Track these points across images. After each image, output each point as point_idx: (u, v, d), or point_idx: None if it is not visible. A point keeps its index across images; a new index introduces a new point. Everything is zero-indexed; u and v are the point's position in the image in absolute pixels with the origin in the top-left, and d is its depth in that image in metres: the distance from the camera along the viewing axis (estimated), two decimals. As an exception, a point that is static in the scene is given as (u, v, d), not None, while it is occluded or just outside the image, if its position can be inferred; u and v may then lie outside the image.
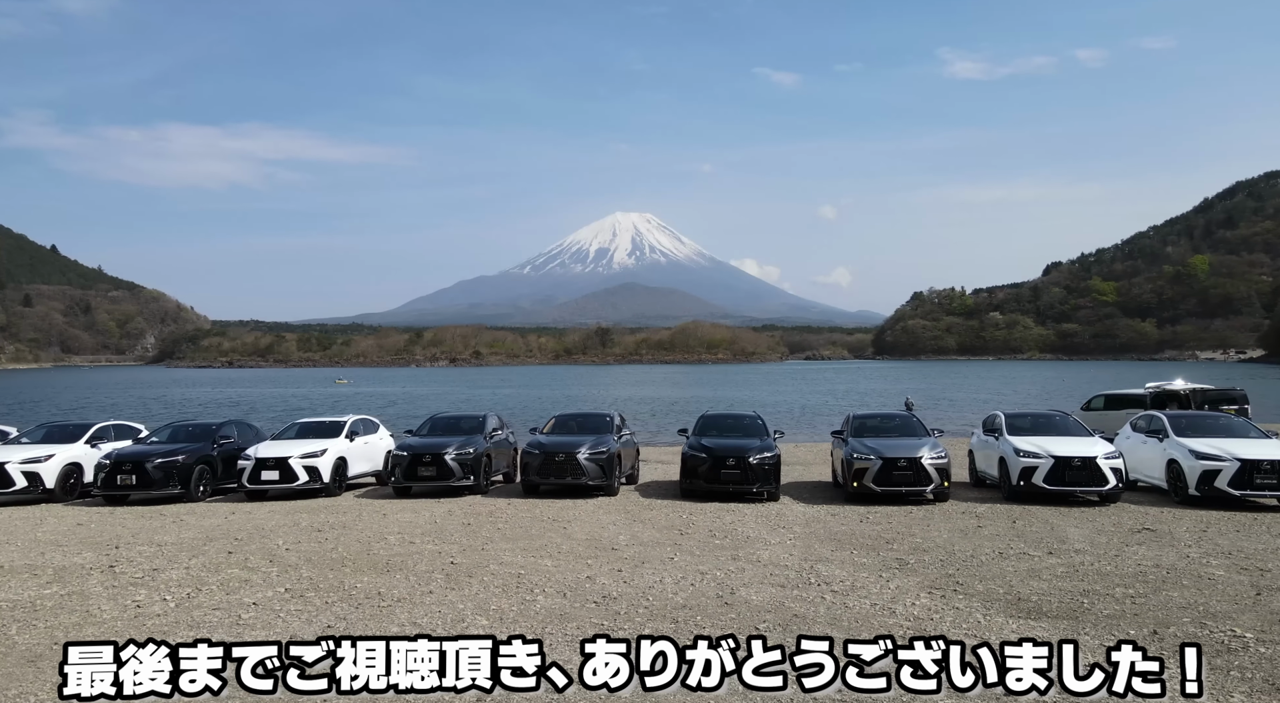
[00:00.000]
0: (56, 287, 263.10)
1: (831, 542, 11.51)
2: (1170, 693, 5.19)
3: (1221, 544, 11.05)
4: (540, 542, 11.31)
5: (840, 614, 7.68)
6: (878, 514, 13.89)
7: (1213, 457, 14.61)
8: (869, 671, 5.24)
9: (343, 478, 17.17)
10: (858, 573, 9.52)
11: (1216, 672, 6.16)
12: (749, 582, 9.00)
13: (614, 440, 17.13)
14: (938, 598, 8.33)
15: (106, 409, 58.55)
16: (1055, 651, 5.22)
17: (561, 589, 8.58)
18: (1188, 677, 5.22)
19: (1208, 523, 12.81)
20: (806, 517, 13.71)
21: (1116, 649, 5.28)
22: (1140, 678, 5.17)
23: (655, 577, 9.20)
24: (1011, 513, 13.88)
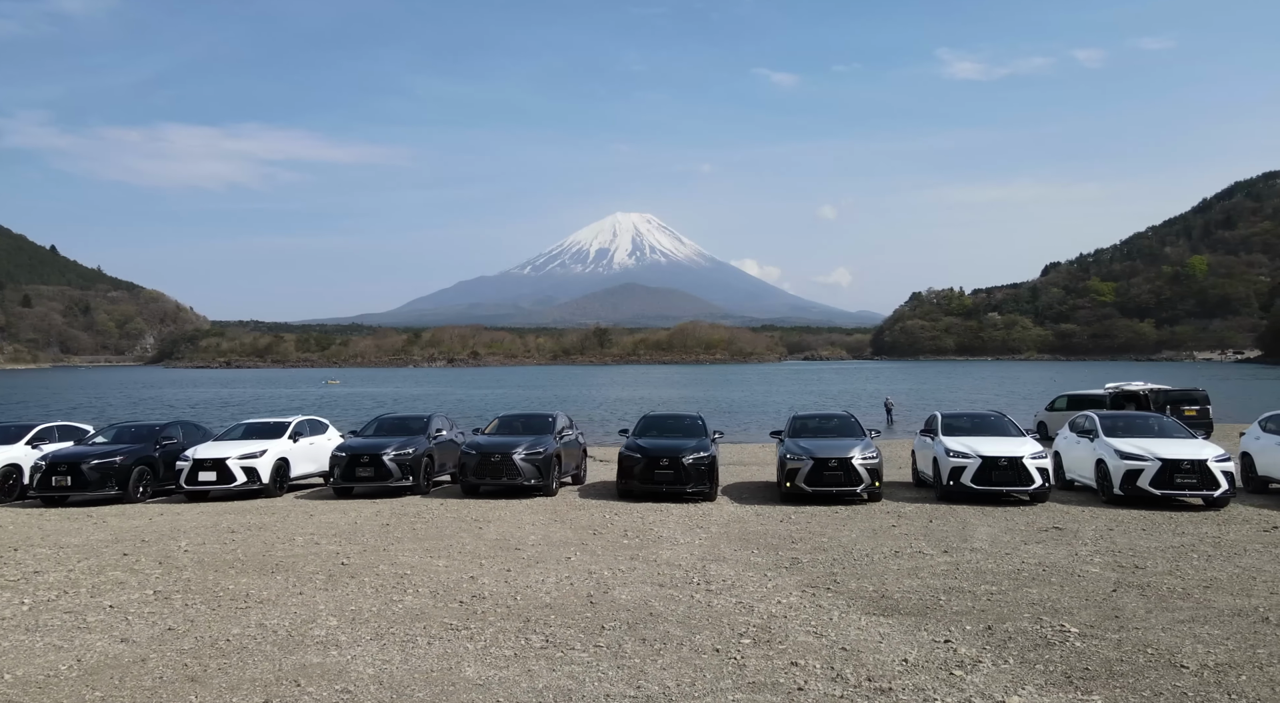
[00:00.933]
0: (56, 287, 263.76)
1: (739, 542, 11.63)
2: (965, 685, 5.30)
3: (1118, 543, 11.17)
4: (447, 543, 11.44)
5: (695, 613, 7.81)
6: (803, 514, 14.00)
7: (1136, 456, 14.74)
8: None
9: (284, 479, 17.29)
10: (745, 572, 9.64)
11: (1024, 664, 6.29)
12: (630, 581, 9.13)
13: (553, 441, 17.25)
14: (806, 596, 8.45)
15: (97, 410, 58.78)
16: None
17: (435, 590, 8.72)
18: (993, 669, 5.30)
19: (1119, 522, 12.93)
20: (731, 517, 13.83)
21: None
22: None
23: (540, 577, 9.33)
24: (934, 513, 14.00)
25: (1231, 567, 9.62)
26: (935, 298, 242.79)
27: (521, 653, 6.61)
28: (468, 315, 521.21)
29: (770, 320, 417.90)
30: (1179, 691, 5.75)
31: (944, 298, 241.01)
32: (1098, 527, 12.50)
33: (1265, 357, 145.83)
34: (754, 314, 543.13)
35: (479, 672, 6.16)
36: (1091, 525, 12.63)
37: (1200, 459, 14.39)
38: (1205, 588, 8.57)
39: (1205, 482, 14.29)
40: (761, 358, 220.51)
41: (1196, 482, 14.32)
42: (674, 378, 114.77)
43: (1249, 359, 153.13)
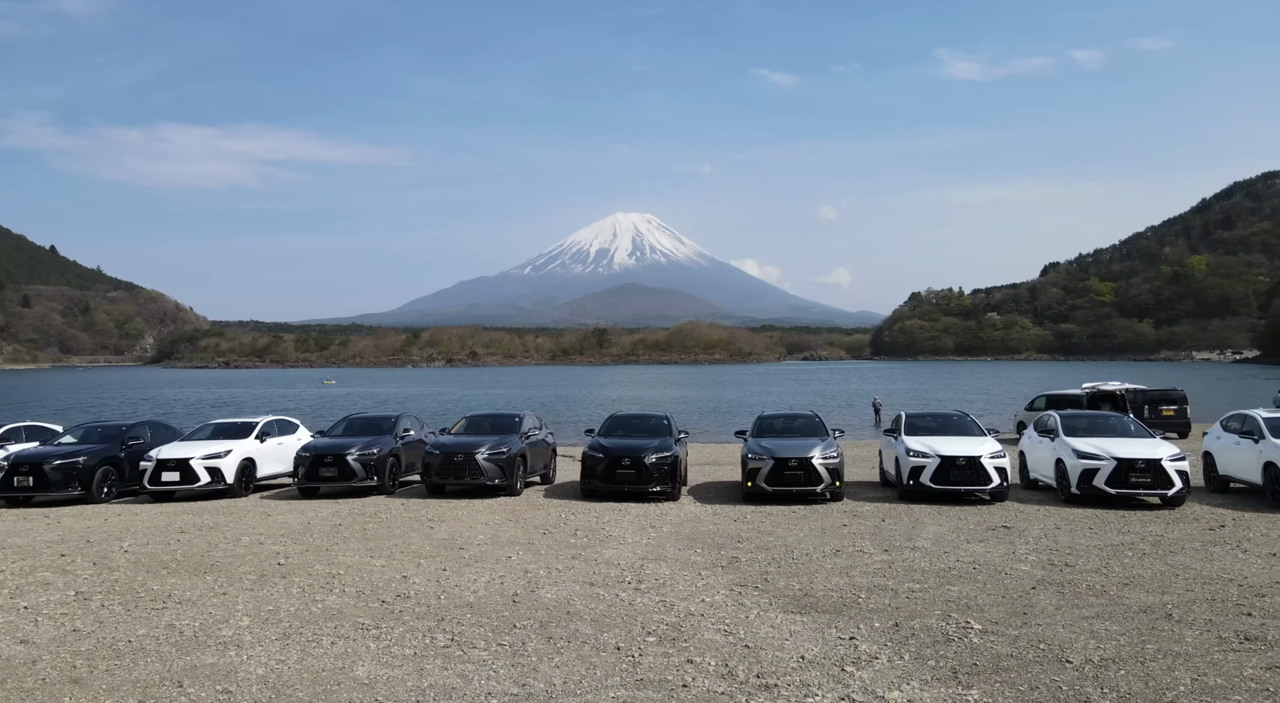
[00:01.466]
0: (55, 287, 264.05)
1: (686, 541, 11.69)
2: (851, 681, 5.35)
3: (1060, 541, 11.24)
4: (393, 542, 11.51)
5: (614, 612, 7.88)
6: (759, 514, 14.06)
7: (1092, 456, 14.80)
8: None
9: (251, 479, 17.35)
10: (680, 572, 9.70)
11: (917, 660, 6.36)
12: (561, 581, 9.20)
13: (518, 441, 17.30)
14: (731, 595, 8.52)
15: (93, 410, 58.88)
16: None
17: (362, 589, 8.79)
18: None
19: (1069, 521, 13.00)
20: (687, 517, 13.89)
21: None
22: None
23: (473, 576, 9.40)
24: (890, 512, 14.06)
25: (1160, 565, 9.68)
26: (934, 298, 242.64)
27: (422, 652, 6.68)
28: (468, 316, 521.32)
29: (770, 320, 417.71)
30: (1055, 685, 5.82)
31: (943, 298, 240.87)
32: (1046, 526, 12.56)
33: (1263, 357, 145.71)
34: (754, 314, 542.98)
35: (371, 671, 6.23)
36: (1040, 524, 12.68)
37: (1155, 459, 14.45)
38: (1124, 585, 8.64)
39: (1159, 481, 14.35)
40: (760, 358, 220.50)
41: (1151, 481, 14.38)
42: (672, 378, 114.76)
43: (1247, 359, 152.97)
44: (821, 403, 59.78)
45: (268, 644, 6.94)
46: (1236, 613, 7.60)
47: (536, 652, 6.65)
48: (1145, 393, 28.65)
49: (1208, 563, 9.80)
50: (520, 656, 6.56)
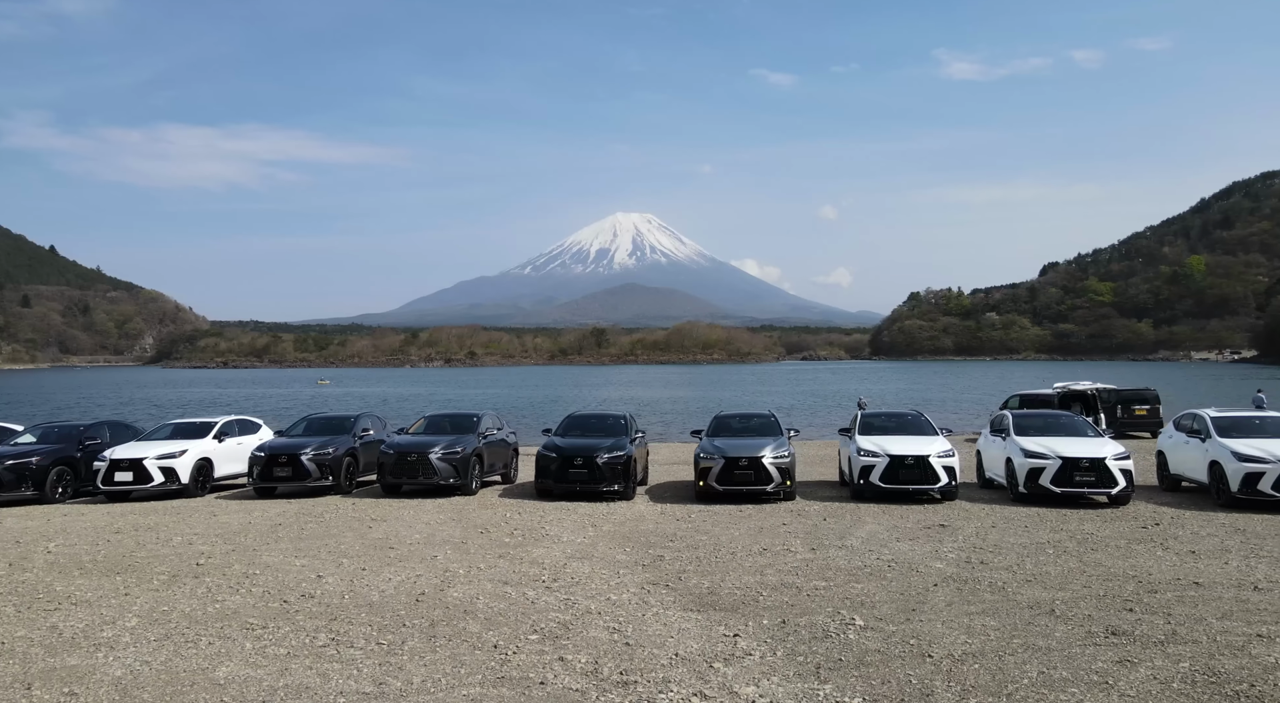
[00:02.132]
0: (55, 287, 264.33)
1: (620, 540, 11.74)
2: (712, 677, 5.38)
3: (988, 540, 11.30)
4: (325, 542, 11.55)
5: (511, 610, 7.94)
6: (706, 513, 14.11)
7: (1039, 455, 14.84)
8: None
9: (208, 479, 17.39)
10: (600, 570, 9.76)
11: (788, 656, 6.43)
12: (475, 580, 9.25)
13: (475, 440, 17.35)
14: (639, 593, 8.57)
15: (82, 410, 58.96)
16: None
17: (269, 589, 8.84)
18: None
19: (1008, 519, 13.05)
20: (633, 516, 13.93)
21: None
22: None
23: (389, 576, 9.45)
24: (835, 511, 14.10)
25: (1074, 562, 9.75)
26: (933, 298, 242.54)
27: (296, 652, 6.73)
28: (468, 315, 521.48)
29: (770, 320, 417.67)
30: (907, 678, 5.90)
31: (942, 298, 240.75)
32: (982, 524, 12.60)
33: (1261, 357, 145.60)
34: (754, 314, 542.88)
35: (233, 671, 6.27)
36: (978, 523, 12.72)
37: (1099, 458, 14.50)
38: (1026, 582, 8.70)
39: (1103, 480, 14.39)
40: (759, 358, 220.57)
41: (1095, 480, 14.43)
42: (669, 378, 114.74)
43: (1245, 359, 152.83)
44: (815, 403, 59.85)
45: (142, 646, 6.97)
46: (1119, 608, 7.68)
47: (412, 650, 6.70)
48: (1119, 392, 28.70)
49: (1121, 560, 9.86)
50: (393, 654, 6.61)
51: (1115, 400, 28.21)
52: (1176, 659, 6.28)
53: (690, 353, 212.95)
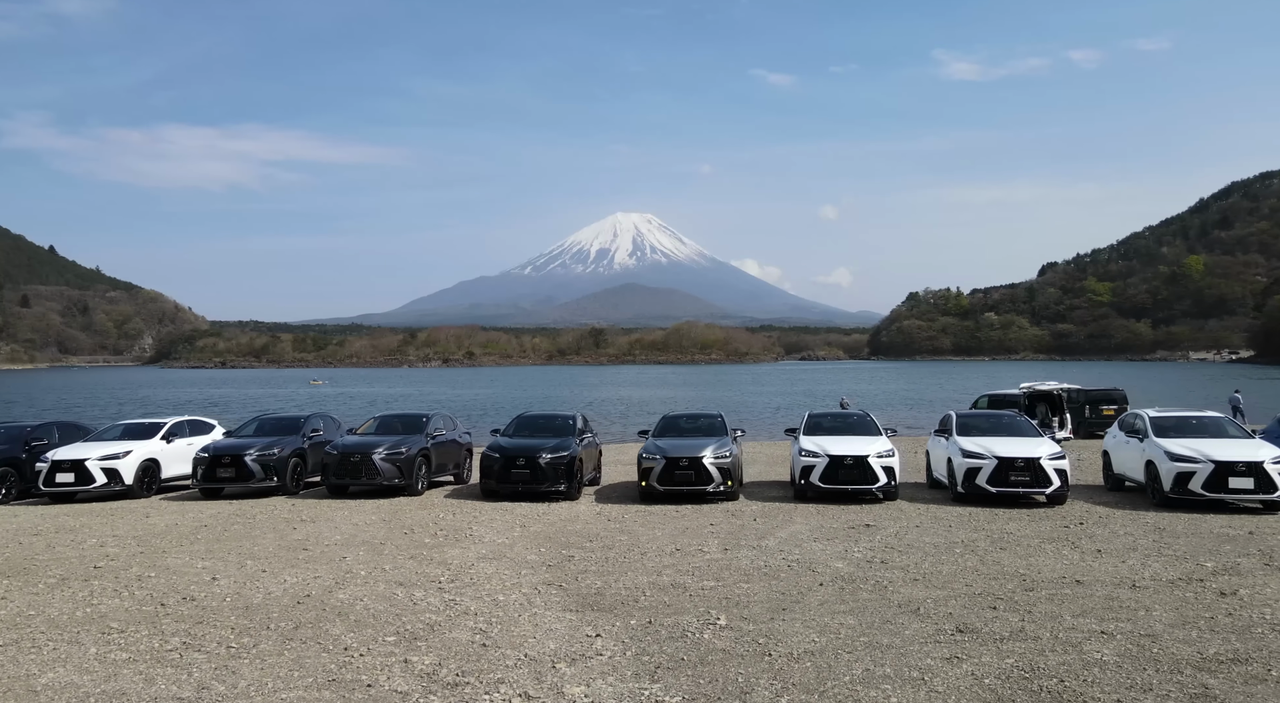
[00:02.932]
0: (54, 287, 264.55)
1: (540, 540, 11.73)
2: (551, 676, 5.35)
3: (904, 539, 11.31)
4: (240, 544, 11.51)
5: (387, 611, 7.94)
6: (641, 513, 14.11)
7: (977, 455, 14.83)
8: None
9: (153, 480, 17.37)
10: (502, 571, 9.76)
11: (637, 656, 6.46)
12: (369, 581, 9.26)
13: (422, 440, 17.34)
14: (527, 594, 8.58)
15: (75, 410, 59.04)
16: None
17: (155, 592, 8.81)
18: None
19: (936, 519, 13.07)
20: (567, 516, 13.92)
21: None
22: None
23: (285, 578, 9.44)
24: (769, 511, 14.10)
25: (973, 561, 9.77)
26: (932, 298, 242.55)
27: (137, 657, 6.69)
28: (468, 315, 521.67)
29: (770, 320, 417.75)
30: (735, 677, 5.95)
31: (941, 298, 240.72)
32: (906, 524, 12.59)
33: (1258, 356, 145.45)
34: (754, 314, 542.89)
35: (57, 678, 6.21)
36: (903, 523, 12.71)
37: (1034, 458, 14.49)
38: (911, 581, 8.71)
39: (1038, 479, 14.39)
40: (757, 358, 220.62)
41: (1030, 479, 14.43)
42: (665, 378, 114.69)
43: (1242, 359, 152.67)
44: (808, 403, 59.76)
45: (-11, 650, 6.92)
46: (984, 606, 7.72)
47: (259, 653, 6.69)
48: (1087, 392, 28.71)
49: (1021, 559, 9.86)
50: (236, 658, 6.60)
51: (1084, 400, 28.20)
52: (1005, 656, 6.31)
53: (688, 353, 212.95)
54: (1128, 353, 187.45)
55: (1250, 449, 13.83)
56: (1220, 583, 8.55)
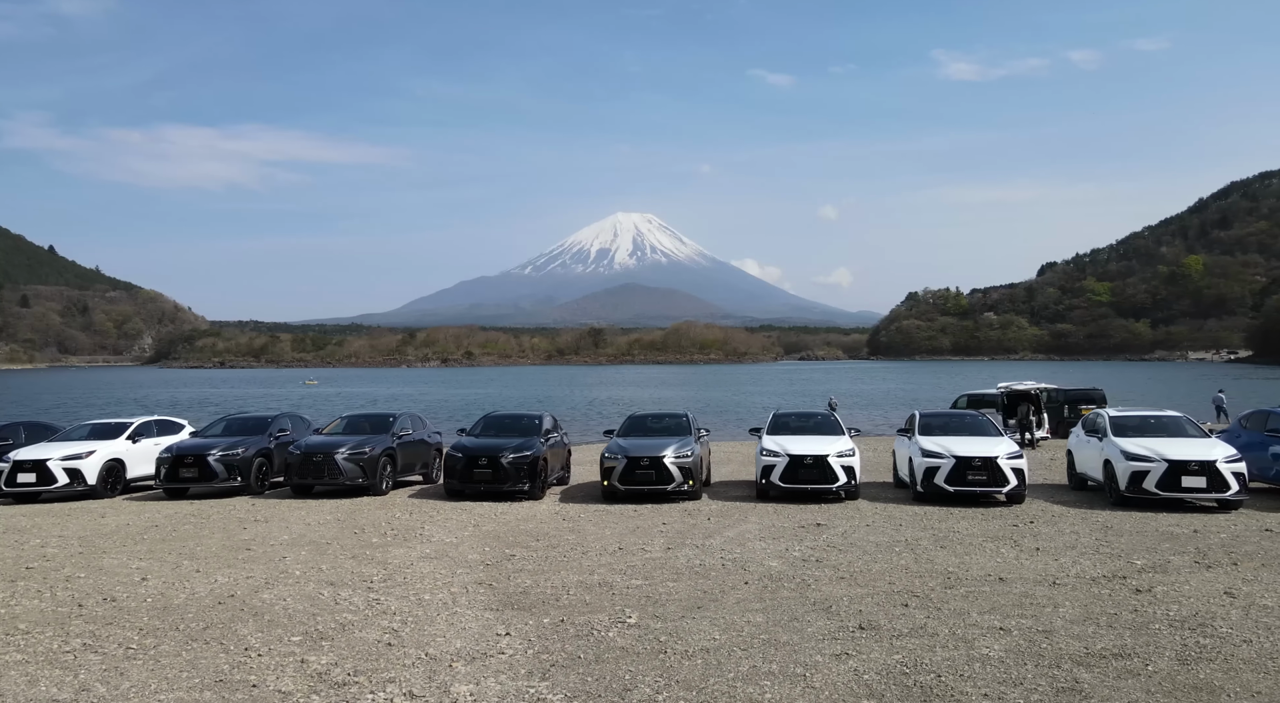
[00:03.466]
0: (54, 287, 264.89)
1: (488, 539, 11.73)
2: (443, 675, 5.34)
3: (850, 538, 11.33)
4: (186, 544, 11.48)
5: (305, 611, 7.94)
6: (600, 512, 14.11)
7: (936, 454, 14.82)
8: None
9: (118, 480, 17.35)
10: (439, 570, 9.77)
11: (536, 654, 6.47)
12: (304, 581, 9.25)
13: (388, 440, 17.33)
14: (454, 594, 8.58)
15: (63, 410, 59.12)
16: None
17: (79, 592, 8.77)
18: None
19: (889, 518, 13.08)
20: (524, 516, 13.91)
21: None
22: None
23: (217, 578, 9.41)
24: (728, 511, 14.10)
25: (907, 560, 9.78)
26: (931, 298, 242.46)
27: (32, 658, 6.65)
28: (469, 315, 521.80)
29: (770, 320, 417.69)
30: (621, 675, 6.01)
31: (940, 298, 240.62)
32: (857, 523, 12.58)
33: (1255, 356, 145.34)
34: (754, 314, 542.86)
35: None
36: (855, 522, 12.70)
37: (991, 457, 14.48)
38: (838, 580, 8.74)
39: (994, 478, 14.39)
40: (756, 358, 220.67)
41: (986, 478, 14.43)
42: (663, 378, 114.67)
43: (1240, 359, 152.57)
44: (802, 403, 59.69)
45: None
46: (897, 604, 7.75)
47: (157, 654, 6.68)
48: (1066, 392, 28.70)
49: (956, 557, 9.87)
50: (132, 659, 6.58)
51: (1063, 400, 28.19)
52: (894, 652, 6.34)
53: (687, 353, 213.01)
54: (1127, 353, 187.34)
55: (1204, 449, 13.82)
56: (1141, 581, 8.55)
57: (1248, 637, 6.69)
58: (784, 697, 5.50)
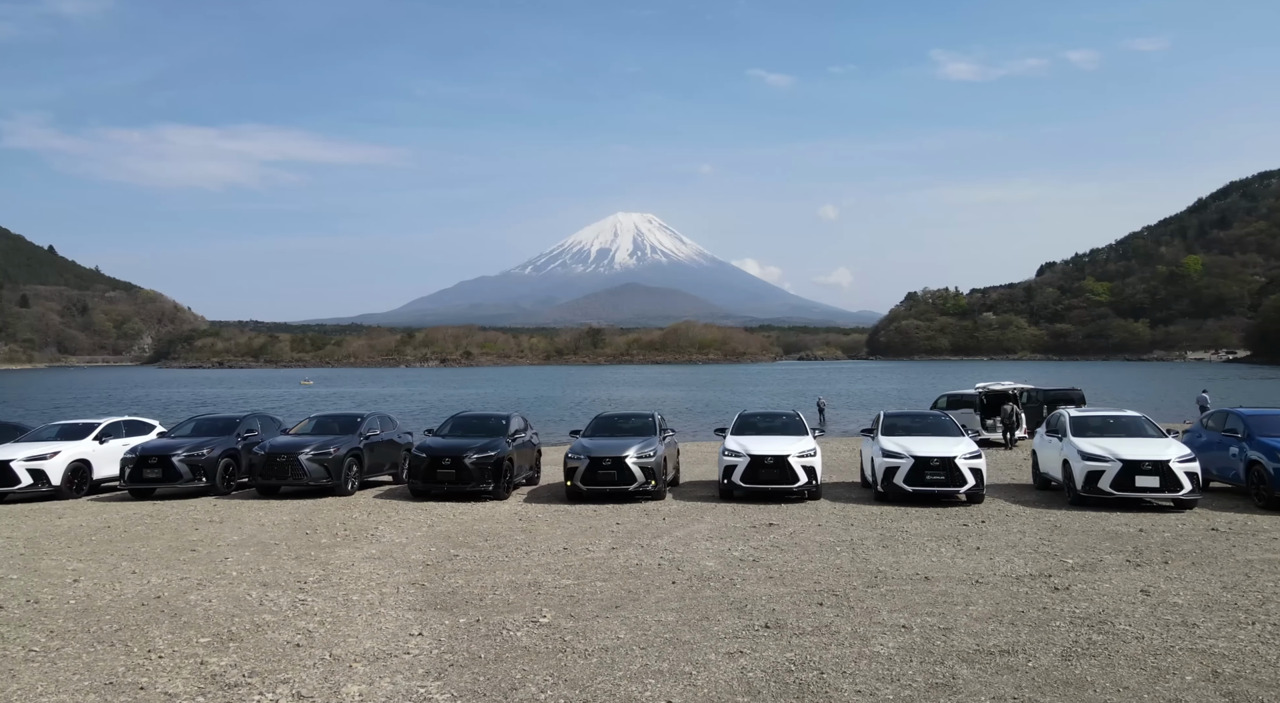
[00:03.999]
0: (54, 287, 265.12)
1: (439, 540, 11.74)
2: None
3: (797, 538, 11.37)
4: (132, 545, 11.44)
5: (224, 612, 7.94)
6: (559, 512, 14.13)
7: (895, 454, 14.82)
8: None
9: (84, 481, 17.35)
10: (378, 571, 9.78)
11: (441, 654, 6.50)
12: (238, 582, 9.25)
13: (355, 440, 17.34)
14: (383, 594, 8.58)
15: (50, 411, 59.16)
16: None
17: (5, 594, 8.75)
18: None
19: (840, 518, 13.10)
20: (482, 516, 13.92)
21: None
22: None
23: (150, 579, 9.40)
24: (685, 511, 14.09)
25: (843, 559, 9.82)
26: (931, 298, 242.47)
27: None
28: (469, 315, 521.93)
29: (771, 321, 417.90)
30: (512, 674, 6.04)
31: (939, 298, 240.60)
32: (810, 523, 12.59)
33: (1253, 356, 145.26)
34: (755, 314, 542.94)
35: None
36: (805, 522, 12.70)
37: (949, 457, 14.48)
38: (766, 580, 8.78)
39: (953, 478, 14.39)
40: (755, 358, 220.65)
41: (945, 478, 14.43)
42: (661, 378, 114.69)
43: (1238, 359, 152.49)
44: (797, 403, 59.74)
45: None
46: (811, 603, 7.80)
47: (58, 656, 6.68)
48: (1046, 392, 28.70)
49: (894, 557, 9.89)
50: (30, 661, 6.55)
51: (1042, 400, 28.17)
52: (788, 650, 6.38)
53: (686, 353, 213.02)
54: (1125, 353, 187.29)
55: (1159, 448, 13.83)
56: (1064, 579, 8.56)
57: (1141, 634, 6.72)
58: (662, 694, 5.54)
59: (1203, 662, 5.98)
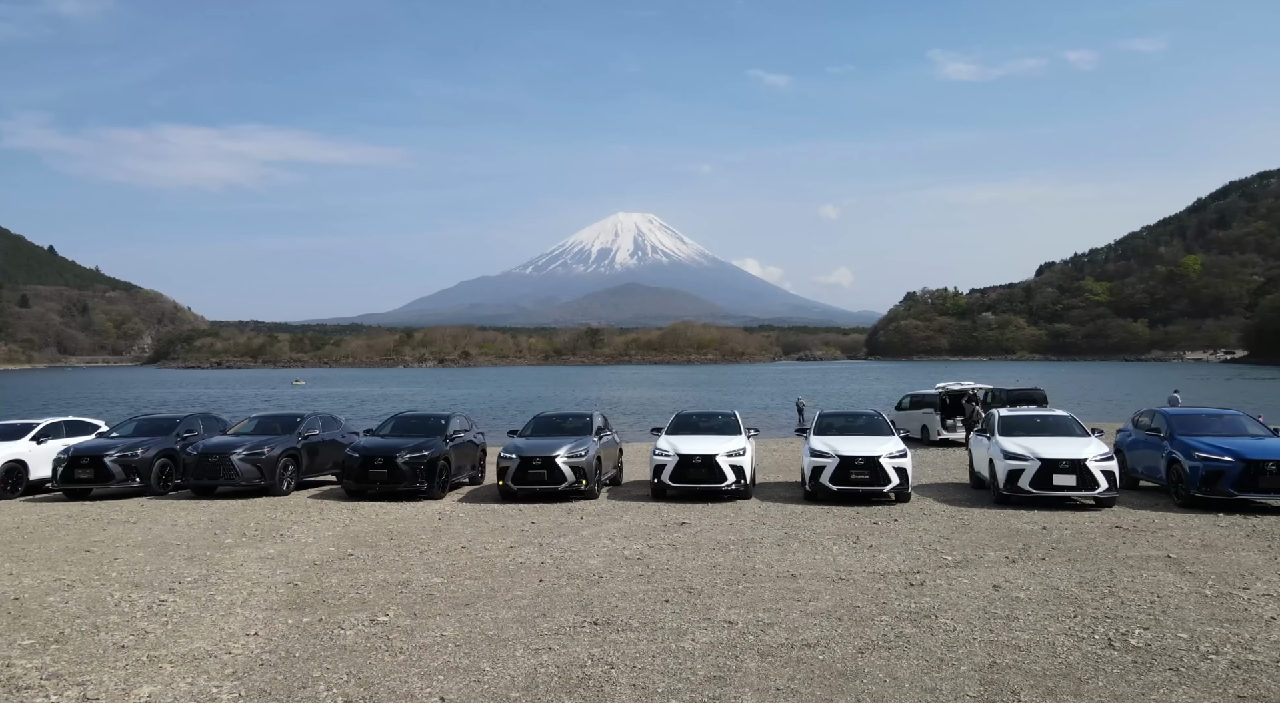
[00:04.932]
0: (53, 287, 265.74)
1: (346, 539, 11.71)
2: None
3: (697, 538, 11.34)
4: (30, 547, 11.33)
5: (85, 613, 7.88)
6: (485, 511, 14.12)
7: (822, 453, 14.80)
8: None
9: (19, 482, 17.31)
10: (270, 570, 9.76)
11: (261, 652, 6.46)
12: (112, 584, 9.19)
13: (293, 440, 17.30)
14: (258, 593, 8.55)
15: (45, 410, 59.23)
16: None
17: None
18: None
19: (757, 516, 13.12)
20: (404, 516, 13.87)
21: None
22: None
23: (26, 581, 9.29)
24: (609, 510, 14.07)
25: (731, 556, 9.85)
26: (930, 298, 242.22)
27: None
28: (469, 316, 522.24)
29: (771, 320, 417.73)
30: (309, 673, 6.07)
31: (939, 298, 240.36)
32: (721, 522, 12.55)
33: (1250, 356, 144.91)
34: (755, 314, 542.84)
35: None
36: (718, 521, 12.64)
37: (874, 456, 14.42)
38: (634, 577, 8.85)
39: (877, 477, 14.34)
40: (754, 358, 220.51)
41: (869, 477, 14.39)
42: (659, 378, 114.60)
43: (1236, 359, 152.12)
44: (785, 403, 59.62)
45: None
46: (660, 600, 7.84)
47: None
48: (1009, 392, 28.58)
49: (780, 555, 9.91)
50: None
51: (1006, 399, 28.05)
52: (597, 646, 6.47)
53: (685, 353, 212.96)
54: (1124, 353, 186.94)
55: (1078, 447, 13.78)
56: (927, 575, 8.52)
57: (955, 627, 6.70)
58: (445, 689, 5.53)
59: (990, 653, 5.96)
